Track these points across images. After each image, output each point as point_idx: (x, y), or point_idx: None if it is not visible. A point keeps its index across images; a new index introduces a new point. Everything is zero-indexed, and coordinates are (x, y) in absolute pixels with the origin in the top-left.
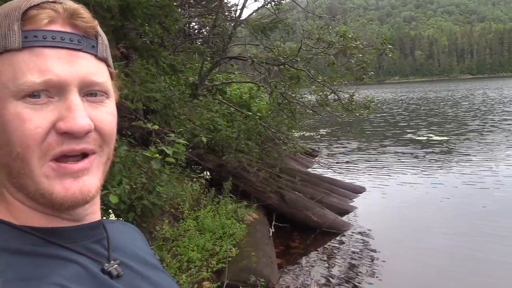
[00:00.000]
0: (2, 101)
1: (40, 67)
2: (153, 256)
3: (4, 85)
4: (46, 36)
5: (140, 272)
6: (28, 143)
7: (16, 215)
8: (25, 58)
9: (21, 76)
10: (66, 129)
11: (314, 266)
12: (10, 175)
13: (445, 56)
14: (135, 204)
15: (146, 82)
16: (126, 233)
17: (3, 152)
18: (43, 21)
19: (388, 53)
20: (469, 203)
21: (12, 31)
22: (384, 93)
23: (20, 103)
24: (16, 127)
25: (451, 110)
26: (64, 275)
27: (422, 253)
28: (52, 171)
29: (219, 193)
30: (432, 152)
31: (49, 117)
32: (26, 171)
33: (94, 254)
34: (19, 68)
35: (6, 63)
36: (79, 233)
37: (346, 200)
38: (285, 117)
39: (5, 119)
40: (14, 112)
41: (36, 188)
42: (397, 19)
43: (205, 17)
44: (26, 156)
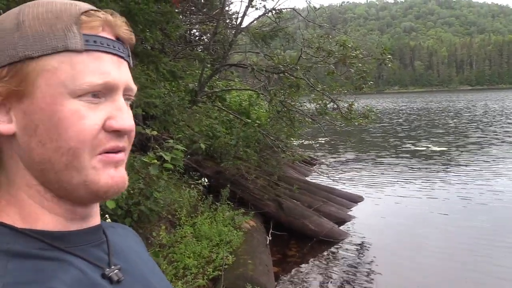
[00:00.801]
0: (57, 98)
1: (100, 70)
2: (151, 260)
3: (62, 83)
4: (103, 42)
5: (139, 277)
6: (84, 139)
7: (25, 217)
8: (85, 60)
9: (81, 77)
10: (118, 127)
11: (311, 275)
12: (46, 171)
13: (445, 67)
14: (132, 210)
15: (146, 87)
16: (126, 237)
17: (45, 148)
18: (98, 28)
19: (387, 63)
20: (467, 216)
21: (73, 33)
22: (385, 103)
23: (76, 102)
24: (73, 123)
25: (452, 121)
26: (64, 280)
27: (418, 265)
28: (99, 163)
29: (217, 200)
30: (431, 163)
31: (101, 116)
32: (74, 165)
33: (94, 258)
34: (80, 69)
35: (65, 62)
36: (81, 237)
37: (344, 209)
38: (284, 125)
39: (61, 115)
40: (72, 109)
41: (83, 180)
42: (397, 29)
43: (206, 24)
44: (79, 151)
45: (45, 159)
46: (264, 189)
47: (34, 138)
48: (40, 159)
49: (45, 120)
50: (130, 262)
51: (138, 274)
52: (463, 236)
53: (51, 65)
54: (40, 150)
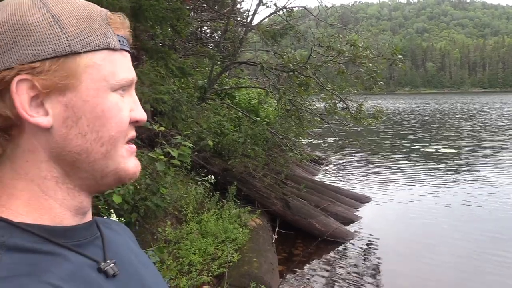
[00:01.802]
0: (100, 92)
1: (128, 67)
2: (145, 256)
3: (104, 78)
4: (125, 42)
5: (132, 274)
6: (122, 129)
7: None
8: (119, 58)
9: (119, 73)
10: (140, 118)
11: (316, 275)
12: (81, 161)
13: (457, 68)
14: (138, 205)
15: (155, 84)
16: (120, 233)
17: (85, 139)
18: (121, 30)
19: (398, 64)
20: (476, 220)
21: (111, 33)
22: (398, 104)
23: (114, 95)
24: (114, 114)
25: (466, 123)
26: (58, 273)
27: (425, 267)
28: (126, 152)
29: (224, 197)
30: (442, 166)
31: (128, 108)
32: (111, 153)
33: (90, 253)
34: (117, 65)
35: (106, 60)
36: (77, 232)
37: (351, 209)
38: (293, 124)
39: (104, 107)
40: (113, 101)
41: (115, 167)
42: (409, 30)
43: (217, 21)
44: (117, 140)
45: (83, 150)
46: (271, 187)
47: (74, 130)
48: (78, 150)
49: (88, 112)
50: (125, 257)
51: (132, 269)
52: (472, 240)
53: (94, 61)
54: (80, 141)
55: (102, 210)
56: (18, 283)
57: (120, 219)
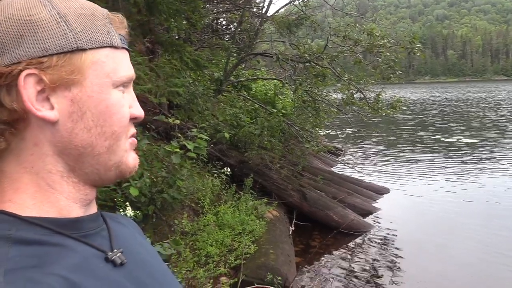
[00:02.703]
0: (104, 88)
1: (128, 64)
2: (152, 248)
3: (107, 74)
4: (123, 40)
5: (140, 264)
6: (123, 124)
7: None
8: (120, 55)
9: (121, 70)
10: (139, 115)
11: (333, 267)
12: (85, 155)
13: (479, 56)
14: (155, 198)
15: (171, 77)
16: (127, 225)
17: (90, 133)
18: (121, 29)
19: (416, 52)
20: (498, 214)
21: (113, 31)
22: (420, 93)
23: (116, 91)
24: (117, 110)
25: (490, 112)
26: (66, 265)
27: (444, 260)
28: (129, 145)
29: (240, 189)
30: (463, 157)
31: (128, 105)
32: (114, 148)
33: (97, 243)
34: (119, 63)
35: (110, 57)
36: (83, 224)
37: (369, 200)
38: (310, 115)
39: (108, 102)
40: (116, 97)
41: (118, 160)
42: (429, 17)
43: (233, 13)
44: (120, 135)
45: (88, 144)
46: (288, 179)
47: (80, 124)
48: (83, 144)
49: (92, 107)
50: (131, 247)
51: (139, 258)
52: (492, 236)
53: (99, 58)
54: (85, 136)
55: (119, 203)
56: (26, 275)
57: (137, 212)
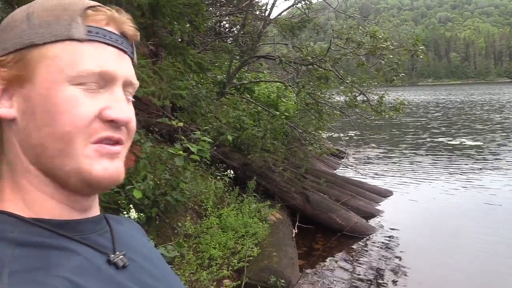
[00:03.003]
0: (55, 84)
1: (99, 59)
2: (156, 252)
3: (61, 69)
4: (105, 35)
5: (143, 266)
6: (78, 125)
7: (30, 204)
8: (86, 49)
9: (81, 64)
10: (114, 117)
11: (336, 269)
12: (41, 156)
13: (482, 58)
14: (158, 200)
15: (174, 79)
16: (130, 228)
17: (41, 132)
18: (102, 21)
19: (419, 55)
20: (502, 217)
21: (77, 23)
22: (424, 95)
23: (74, 88)
24: (68, 109)
25: (494, 115)
26: (70, 267)
27: (447, 264)
28: (93, 151)
29: (243, 191)
30: (467, 159)
31: (98, 105)
32: (68, 150)
33: (100, 246)
34: (80, 56)
35: (66, 50)
36: (85, 226)
37: (372, 203)
38: (313, 118)
39: (57, 100)
40: (69, 95)
41: (75, 167)
42: (432, 19)
43: (235, 16)
44: (72, 137)
45: (40, 144)
46: (291, 181)
47: (32, 123)
48: (36, 144)
49: (42, 105)
50: (135, 250)
51: (143, 260)
52: (496, 239)
53: (53, 52)
54: (37, 135)
55: (123, 205)
56: (31, 277)
57: (140, 214)
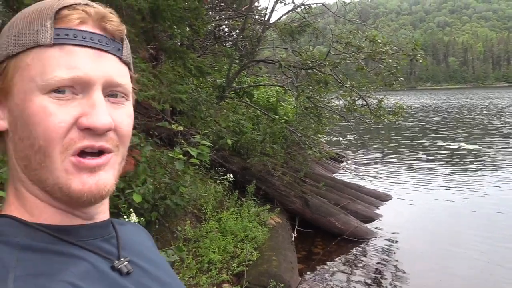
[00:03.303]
0: (28, 94)
1: (68, 64)
2: (161, 257)
3: (32, 78)
4: (76, 35)
5: (148, 272)
6: (52, 137)
7: (30, 211)
8: (55, 54)
9: (49, 71)
10: (88, 125)
11: (336, 273)
12: (28, 168)
13: (480, 63)
14: (158, 204)
15: (174, 83)
16: (136, 233)
17: (24, 145)
18: (75, 21)
19: (419, 59)
20: (501, 221)
21: (45, 28)
22: (423, 100)
23: (45, 98)
24: (40, 120)
25: (493, 119)
26: (74, 272)
27: (445, 268)
28: (71, 166)
29: (243, 195)
30: (465, 164)
31: (72, 113)
32: (47, 164)
33: (104, 252)
34: (49, 63)
35: (36, 58)
36: (90, 231)
37: (371, 207)
38: (312, 122)
39: (30, 111)
40: (40, 105)
41: (55, 182)
42: (430, 24)
43: (235, 20)
44: (48, 150)
45: (25, 156)
46: (290, 185)
47: (16, 135)
48: (22, 156)
49: (20, 117)
50: (140, 256)
51: (148, 266)
52: (495, 241)
53: (25, 61)
54: (21, 147)
55: (123, 209)
56: (35, 282)
57: (140, 218)
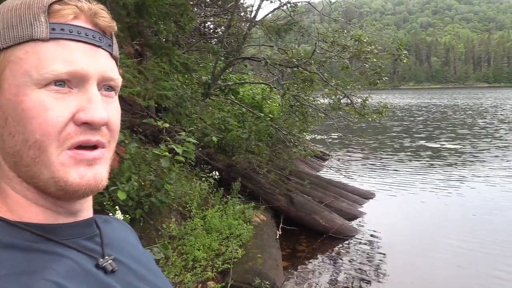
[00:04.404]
0: (22, 89)
1: (66, 58)
2: (147, 254)
3: (27, 73)
4: (72, 30)
5: (133, 269)
6: (49, 131)
7: (13, 209)
8: (51, 49)
9: (46, 65)
10: (87, 120)
11: (320, 271)
12: (18, 164)
13: (462, 63)
14: (143, 201)
15: (159, 80)
16: (120, 231)
17: (15, 140)
18: (69, 16)
19: (403, 59)
20: (482, 217)
21: (39, 22)
22: (408, 99)
23: (42, 91)
24: (37, 114)
25: (475, 119)
26: (58, 270)
27: (428, 264)
28: (68, 159)
29: (228, 193)
30: (447, 162)
31: (69, 107)
32: (42, 159)
33: (88, 250)
34: (45, 57)
35: (30, 52)
36: (73, 229)
37: (355, 205)
38: (297, 120)
39: (25, 106)
40: (37, 99)
41: (51, 176)
42: (413, 24)
43: (221, 17)
44: (44, 144)
45: (16, 152)
46: (275, 183)
47: (6, 130)
48: (12, 152)
49: (11, 111)
50: (124, 253)
51: (132, 264)
52: (477, 237)
53: (17, 55)
54: (11, 143)
55: (108, 206)
56: (18, 281)
57: (125, 216)
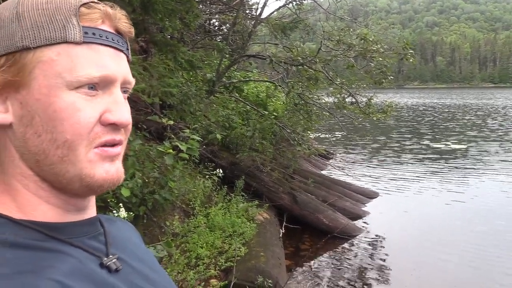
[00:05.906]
0: (54, 90)
1: (98, 62)
2: (150, 253)
3: (59, 74)
4: (102, 35)
5: (137, 269)
6: (80, 132)
7: (21, 207)
8: (84, 52)
9: (80, 69)
10: (115, 121)
11: (323, 270)
12: (41, 163)
13: (467, 63)
14: (146, 198)
15: (164, 77)
16: (124, 230)
17: (40, 140)
18: (98, 21)
19: (409, 58)
20: (486, 218)
21: (72, 24)
22: (415, 98)
23: (73, 93)
24: (69, 116)
25: (483, 120)
26: (62, 269)
27: (432, 264)
28: (95, 156)
29: (231, 191)
30: (453, 162)
31: (98, 109)
32: (70, 158)
33: (93, 249)
34: (79, 61)
35: (63, 54)
36: (79, 228)
37: (359, 204)
38: (301, 118)
39: (56, 107)
40: (69, 101)
41: (78, 173)
42: (419, 24)
43: (226, 14)
44: (74, 144)
45: (40, 151)
46: (279, 181)
47: (30, 129)
48: (36, 151)
49: (40, 111)
50: (128, 253)
51: (136, 264)
52: (481, 238)
53: (48, 56)
54: (36, 142)
55: (111, 203)
56: (23, 280)
57: (129, 213)
